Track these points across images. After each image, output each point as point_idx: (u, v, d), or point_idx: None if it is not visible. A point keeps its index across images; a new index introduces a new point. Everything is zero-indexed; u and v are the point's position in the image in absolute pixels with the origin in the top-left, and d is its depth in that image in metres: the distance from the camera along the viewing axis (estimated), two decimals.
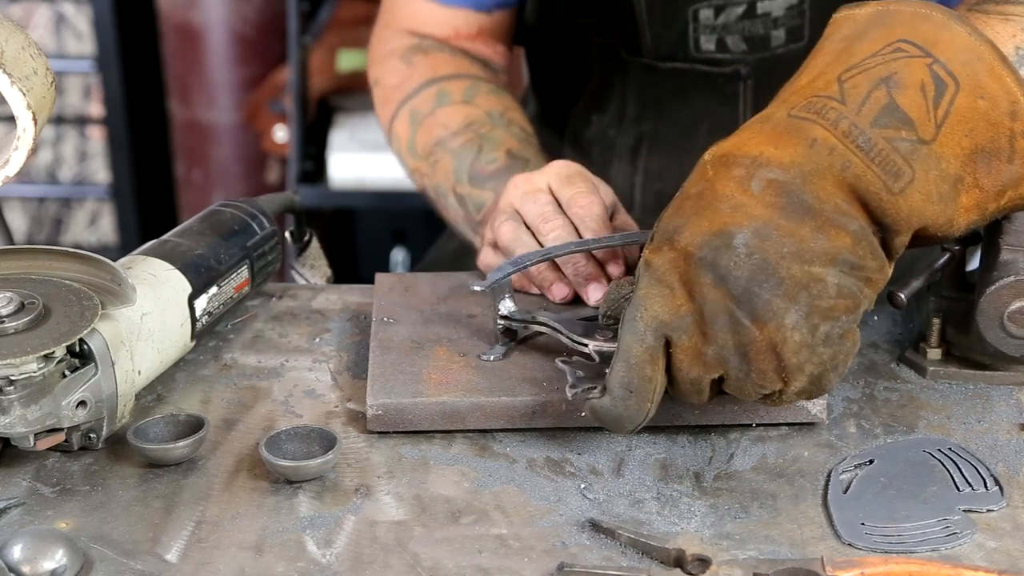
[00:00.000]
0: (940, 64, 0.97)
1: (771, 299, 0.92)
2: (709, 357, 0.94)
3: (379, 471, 1.01)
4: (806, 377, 0.94)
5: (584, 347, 1.07)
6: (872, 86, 0.97)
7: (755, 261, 0.93)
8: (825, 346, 0.93)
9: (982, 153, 0.97)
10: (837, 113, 0.96)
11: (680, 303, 0.94)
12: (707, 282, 0.93)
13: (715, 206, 0.95)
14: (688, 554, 0.89)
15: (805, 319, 0.92)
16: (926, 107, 0.96)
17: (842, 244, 0.94)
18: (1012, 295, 1.07)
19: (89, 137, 3.45)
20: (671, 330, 0.94)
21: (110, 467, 1.02)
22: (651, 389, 0.95)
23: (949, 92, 0.96)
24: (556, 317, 1.11)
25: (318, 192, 2.74)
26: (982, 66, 0.97)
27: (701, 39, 1.42)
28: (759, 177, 0.95)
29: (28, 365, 0.96)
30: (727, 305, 0.93)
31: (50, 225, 3.51)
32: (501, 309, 1.13)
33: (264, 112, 2.93)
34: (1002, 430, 1.07)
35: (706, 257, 0.94)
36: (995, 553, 0.92)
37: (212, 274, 1.15)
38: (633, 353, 0.95)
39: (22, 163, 1.03)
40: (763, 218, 0.94)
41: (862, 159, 0.95)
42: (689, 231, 0.95)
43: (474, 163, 1.40)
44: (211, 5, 2.91)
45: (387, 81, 1.57)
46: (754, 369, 0.93)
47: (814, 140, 0.95)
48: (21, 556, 0.87)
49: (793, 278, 0.92)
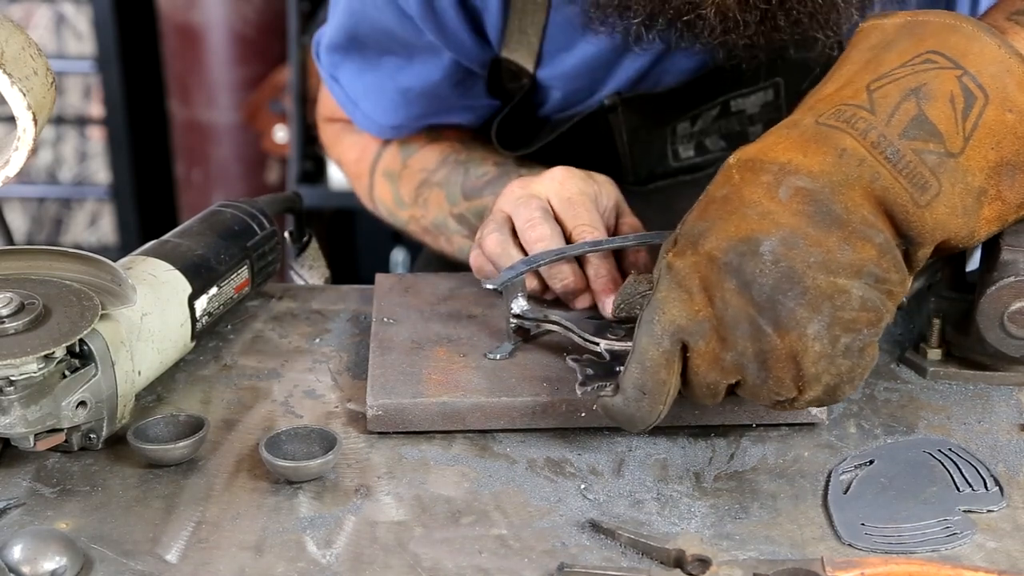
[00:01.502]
0: (970, 76, 0.97)
1: (795, 308, 0.92)
2: (727, 363, 0.94)
3: (379, 471, 1.01)
4: (821, 387, 0.93)
5: (596, 346, 1.07)
6: (902, 97, 0.96)
7: (781, 269, 0.92)
8: (844, 358, 0.93)
9: (1007, 166, 0.97)
10: (867, 123, 0.96)
11: (699, 308, 0.94)
12: (731, 288, 0.93)
13: (742, 211, 0.95)
14: (688, 554, 0.89)
15: (827, 330, 0.92)
16: (955, 120, 0.96)
17: (868, 256, 0.93)
18: (1012, 295, 1.07)
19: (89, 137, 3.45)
20: (688, 335, 0.94)
21: (110, 467, 1.02)
22: (665, 392, 0.95)
23: (978, 105, 0.96)
24: (568, 316, 1.11)
25: (318, 192, 2.74)
26: (1011, 79, 0.97)
27: (680, 150, 1.40)
28: (787, 184, 0.95)
29: (28, 365, 0.96)
30: (749, 312, 0.92)
31: (50, 225, 3.51)
32: (514, 307, 1.13)
33: (264, 112, 2.93)
34: (1002, 430, 1.07)
35: (731, 263, 0.93)
36: (995, 553, 0.92)
37: (212, 274, 1.15)
38: (649, 356, 0.95)
39: (22, 163, 1.02)
40: (790, 226, 0.93)
41: (890, 171, 0.94)
42: (715, 236, 0.95)
43: (464, 183, 1.39)
44: (211, 5, 2.91)
45: (348, 158, 1.57)
46: (772, 377, 0.93)
47: (843, 150, 0.95)
48: (21, 556, 0.87)
49: (818, 288, 0.92)
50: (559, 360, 1.10)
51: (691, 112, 1.38)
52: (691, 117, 1.39)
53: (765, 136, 0.99)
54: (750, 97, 1.37)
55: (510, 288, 1.13)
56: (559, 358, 1.10)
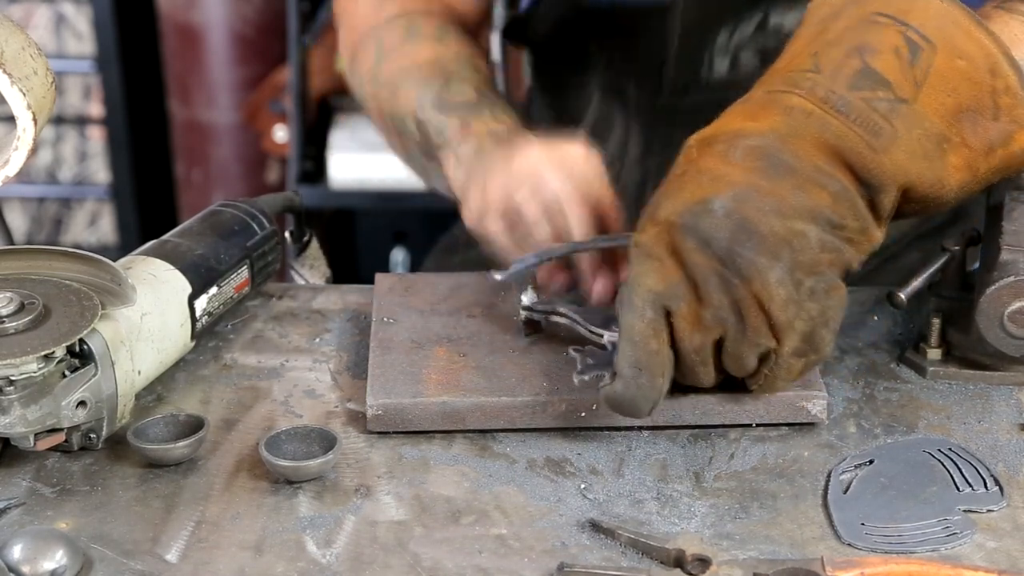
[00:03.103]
0: (913, 29, 0.98)
1: (754, 257, 0.94)
2: (708, 320, 0.95)
3: (379, 471, 1.01)
4: (797, 334, 0.95)
5: (600, 338, 1.08)
6: (845, 54, 0.98)
7: (735, 220, 0.94)
8: (812, 300, 0.95)
9: (967, 112, 0.98)
10: (812, 82, 0.98)
11: (670, 272, 0.96)
12: (691, 247, 0.95)
13: (697, 180, 0.97)
14: (688, 554, 0.89)
15: (789, 274, 0.94)
16: (901, 69, 0.97)
17: (822, 202, 0.95)
18: (1012, 295, 1.07)
19: (89, 137, 3.45)
20: (667, 299, 0.96)
21: (110, 467, 1.02)
22: (659, 363, 0.96)
23: (924, 54, 0.97)
24: (576, 309, 1.12)
25: (318, 192, 2.74)
26: (958, 29, 0.98)
27: (716, 61, 1.41)
28: (738, 146, 0.97)
29: (28, 365, 0.96)
30: (714, 266, 0.95)
31: (50, 225, 3.50)
32: (523, 300, 1.14)
33: (264, 112, 2.92)
34: (1002, 430, 1.06)
35: (687, 223, 0.95)
36: (995, 553, 0.92)
37: (212, 274, 1.15)
38: (636, 330, 0.96)
39: (22, 163, 1.03)
40: (743, 183, 0.96)
41: (841, 121, 0.96)
42: (671, 203, 0.97)
43: (440, 92, 1.35)
44: (211, 5, 2.91)
45: (355, 11, 1.52)
46: (749, 326, 0.95)
47: (791, 108, 0.97)
48: (21, 556, 0.87)
49: (775, 234, 0.94)
50: (560, 358, 1.10)
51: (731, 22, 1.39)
52: (731, 28, 1.39)
53: (721, 116, 1.01)
54: (790, 13, 1.37)
55: (520, 280, 1.13)
56: (560, 356, 1.10)
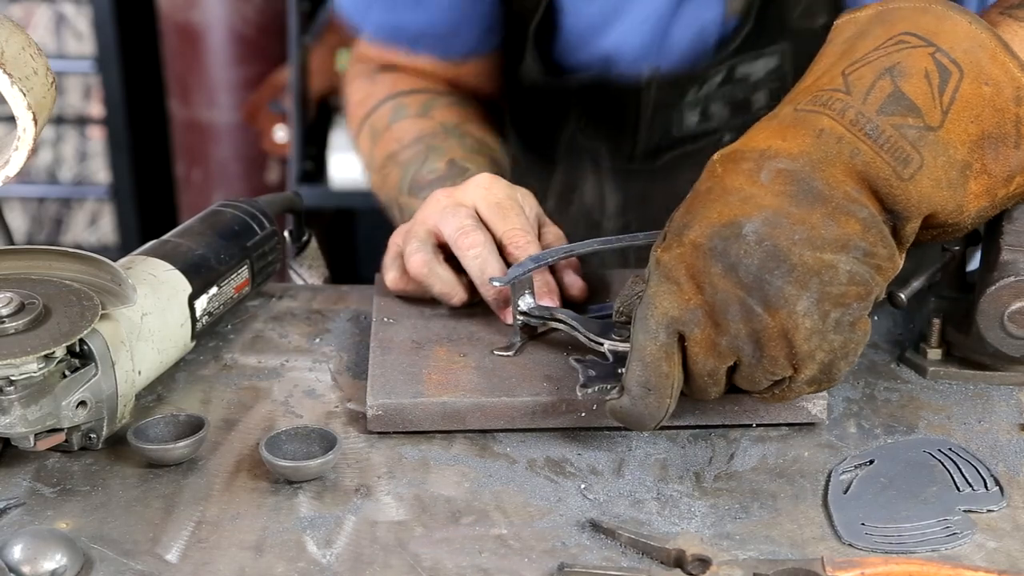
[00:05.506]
0: (943, 52, 0.98)
1: (783, 286, 0.93)
2: (723, 347, 0.94)
3: (379, 471, 1.01)
4: (816, 365, 0.94)
5: (599, 346, 1.07)
6: (876, 76, 0.97)
7: (766, 248, 0.93)
8: (836, 333, 0.94)
9: (989, 139, 0.98)
10: (843, 103, 0.97)
11: (689, 297, 0.95)
12: (717, 272, 0.94)
13: (724, 199, 0.96)
14: (688, 554, 0.89)
15: (816, 305, 0.93)
16: (931, 94, 0.97)
17: (853, 231, 0.94)
18: (1012, 295, 1.07)
19: (89, 137, 3.46)
20: (682, 324, 0.95)
21: (110, 467, 1.02)
22: (669, 385, 0.96)
23: (953, 79, 0.97)
24: (574, 315, 1.12)
25: (318, 192, 2.74)
26: (984, 53, 0.98)
27: (686, 116, 1.41)
28: (768, 168, 0.96)
29: (28, 365, 0.96)
30: (738, 294, 0.93)
31: (50, 225, 3.51)
32: (520, 305, 1.13)
33: (264, 112, 2.93)
34: (1002, 430, 1.07)
35: (716, 247, 0.94)
36: (995, 553, 0.92)
37: (212, 274, 1.15)
38: (648, 351, 0.95)
39: (22, 163, 1.02)
40: (773, 207, 0.94)
41: (870, 146, 0.95)
42: (698, 225, 0.96)
43: (416, 174, 1.39)
44: (211, 5, 2.91)
45: (352, 99, 1.57)
46: (766, 356, 0.94)
47: (821, 130, 0.96)
48: (21, 556, 0.87)
49: (805, 265, 0.93)
50: (560, 359, 1.10)
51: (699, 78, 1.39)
52: (699, 83, 1.39)
53: (747, 132, 1.00)
54: (756, 63, 1.37)
55: (517, 285, 1.13)
56: (560, 357, 1.11)
